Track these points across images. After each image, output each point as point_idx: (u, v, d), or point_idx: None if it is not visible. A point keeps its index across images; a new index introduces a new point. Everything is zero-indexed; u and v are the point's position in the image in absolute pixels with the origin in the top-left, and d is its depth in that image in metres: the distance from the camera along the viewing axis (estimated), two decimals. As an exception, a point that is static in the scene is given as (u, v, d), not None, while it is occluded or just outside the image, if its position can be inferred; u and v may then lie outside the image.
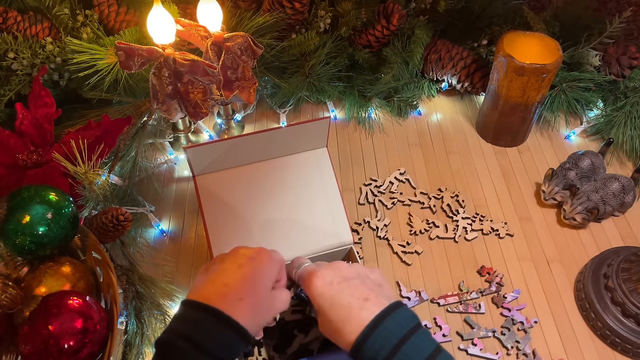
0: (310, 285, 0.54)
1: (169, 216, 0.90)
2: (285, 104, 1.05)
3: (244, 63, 0.84)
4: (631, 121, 0.96)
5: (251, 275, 0.53)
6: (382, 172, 0.97)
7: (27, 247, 0.62)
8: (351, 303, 0.51)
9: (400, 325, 0.49)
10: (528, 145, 1.01)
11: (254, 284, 0.52)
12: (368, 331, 0.49)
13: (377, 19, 1.03)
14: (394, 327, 0.49)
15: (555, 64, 0.86)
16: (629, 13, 0.94)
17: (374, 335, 0.49)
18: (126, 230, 0.72)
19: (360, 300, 0.51)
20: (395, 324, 0.49)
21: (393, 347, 0.48)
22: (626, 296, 0.72)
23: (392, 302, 0.52)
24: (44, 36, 0.92)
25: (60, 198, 0.65)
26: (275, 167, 0.76)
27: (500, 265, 0.83)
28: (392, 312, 0.50)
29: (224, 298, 0.50)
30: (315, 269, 0.56)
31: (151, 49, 0.77)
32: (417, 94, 1.07)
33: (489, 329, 0.75)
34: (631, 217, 0.89)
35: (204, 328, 0.48)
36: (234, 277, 0.52)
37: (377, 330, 0.49)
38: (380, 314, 0.50)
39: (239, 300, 0.51)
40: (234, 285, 0.52)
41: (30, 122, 0.79)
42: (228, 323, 0.49)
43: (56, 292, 0.60)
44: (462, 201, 0.91)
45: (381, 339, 0.48)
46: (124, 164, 0.87)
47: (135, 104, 0.92)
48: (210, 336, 0.48)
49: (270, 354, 0.69)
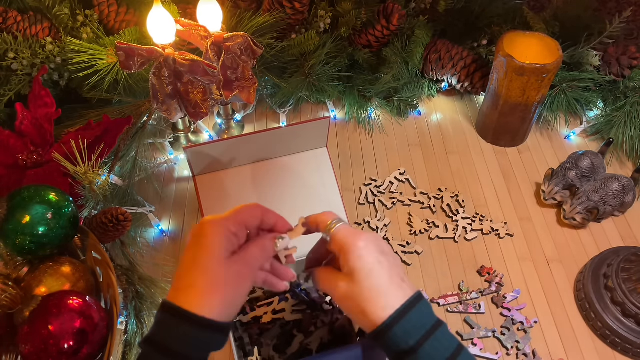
0: (352, 245, 0.48)
1: (169, 216, 0.90)
2: (285, 104, 1.05)
3: (244, 63, 0.84)
4: (631, 121, 0.96)
5: (197, 254, 0.47)
6: (382, 172, 0.97)
7: (27, 247, 0.62)
8: (391, 279, 0.47)
9: (430, 315, 0.47)
10: (528, 145, 1.01)
11: (202, 263, 0.46)
12: (401, 312, 0.46)
13: (377, 19, 1.03)
14: (424, 314, 0.47)
15: (555, 64, 0.86)
16: (629, 13, 0.94)
17: (406, 317, 0.46)
18: (126, 230, 0.72)
19: (398, 279, 0.48)
20: (426, 312, 0.47)
21: (421, 336, 0.45)
22: (626, 296, 0.72)
23: (417, 290, 0.49)
24: (44, 36, 0.92)
25: (60, 198, 0.65)
26: (275, 167, 0.76)
27: (500, 265, 0.83)
28: (422, 299, 0.48)
29: (176, 290, 0.46)
30: (358, 231, 0.50)
31: (151, 49, 0.77)
32: (417, 94, 1.07)
33: (489, 329, 0.75)
34: (631, 217, 0.89)
35: (163, 327, 0.45)
36: (183, 264, 0.48)
37: (409, 314, 0.46)
38: (412, 299, 0.47)
39: (189, 287, 0.45)
40: (182, 272, 0.47)
41: (30, 122, 0.79)
42: (182, 316, 0.44)
43: (56, 292, 0.60)
44: (462, 201, 0.91)
45: (411, 326, 0.46)
46: (124, 164, 0.87)
47: (135, 104, 0.92)
48: (169, 335, 0.44)
49: (270, 354, 0.69)
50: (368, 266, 0.47)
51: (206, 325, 0.44)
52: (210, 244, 0.47)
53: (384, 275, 0.47)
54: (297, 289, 0.75)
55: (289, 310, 0.73)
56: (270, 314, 0.72)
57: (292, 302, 0.74)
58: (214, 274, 0.46)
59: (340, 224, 0.50)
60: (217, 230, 0.48)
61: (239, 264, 0.48)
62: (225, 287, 0.46)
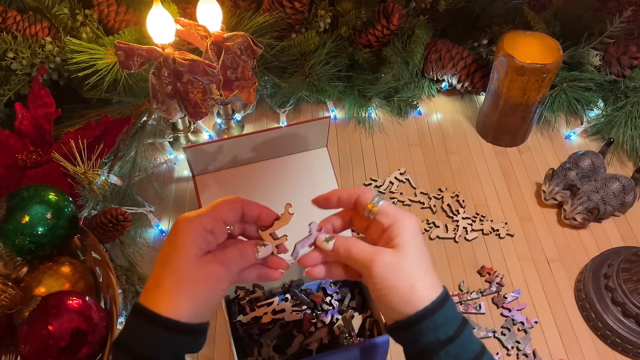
0: (406, 221, 0.47)
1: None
2: (285, 104, 1.05)
3: (243, 63, 0.83)
4: (631, 121, 0.96)
5: (168, 253, 0.45)
6: (382, 172, 0.96)
7: (26, 247, 0.62)
8: (430, 263, 0.47)
9: (458, 311, 0.46)
10: (528, 145, 1.01)
11: (171, 262, 0.44)
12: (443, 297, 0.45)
13: (377, 19, 1.03)
14: (454, 306, 0.46)
15: (556, 64, 0.86)
16: (629, 13, 0.94)
17: (448, 304, 0.45)
18: (126, 230, 0.72)
19: (432, 266, 0.47)
20: (454, 305, 0.46)
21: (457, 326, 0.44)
22: (627, 296, 0.72)
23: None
24: (44, 36, 0.92)
25: (59, 198, 0.64)
26: (275, 167, 0.75)
27: (500, 266, 0.83)
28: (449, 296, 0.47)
29: (145, 291, 0.44)
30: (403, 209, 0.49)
31: (151, 48, 0.77)
32: (417, 93, 1.07)
33: (489, 329, 0.75)
34: (632, 217, 0.89)
35: (131, 330, 0.44)
36: (155, 264, 0.45)
37: (449, 302, 0.45)
38: (445, 292, 0.46)
39: (156, 287, 0.43)
40: (154, 272, 0.45)
41: (29, 122, 0.79)
42: (147, 318, 0.42)
43: (55, 293, 0.60)
44: (462, 201, 0.91)
45: (450, 314, 0.45)
46: (124, 163, 0.87)
47: (134, 104, 0.92)
48: (136, 337, 0.43)
49: (270, 354, 0.69)
50: (419, 244, 0.47)
51: (172, 326, 0.42)
52: (181, 243, 0.44)
53: (430, 260, 0.47)
54: (297, 289, 0.75)
55: (289, 310, 0.73)
56: (270, 314, 0.72)
57: (292, 302, 0.74)
58: (181, 273, 0.44)
59: (382, 200, 0.49)
60: (189, 227, 0.45)
61: (214, 263, 0.45)
62: (194, 286, 0.44)
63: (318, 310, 0.73)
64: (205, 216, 0.46)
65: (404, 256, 0.46)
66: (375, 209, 0.48)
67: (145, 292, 0.44)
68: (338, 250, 0.49)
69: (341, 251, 0.48)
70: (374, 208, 0.48)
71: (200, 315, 0.44)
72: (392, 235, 0.47)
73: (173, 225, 0.46)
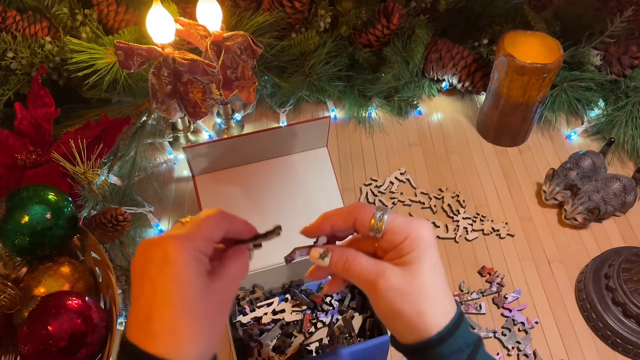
0: (420, 230, 0.41)
1: (168, 216, 0.90)
2: (285, 104, 1.05)
3: (243, 62, 0.83)
4: (632, 121, 0.96)
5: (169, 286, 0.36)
6: (382, 172, 0.96)
7: (26, 247, 0.62)
8: (446, 282, 0.42)
9: (472, 333, 0.42)
10: (529, 145, 1.01)
11: (179, 298, 0.36)
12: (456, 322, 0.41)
13: (378, 18, 1.03)
14: (468, 327, 0.42)
15: (556, 64, 0.85)
16: (630, 12, 0.94)
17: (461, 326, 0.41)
18: (125, 230, 0.72)
19: (446, 283, 0.42)
20: (468, 325, 0.42)
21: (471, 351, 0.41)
22: (627, 296, 0.72)
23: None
24: (43, 35, 0.92)
25: (59, 198, 0.64)
26: (275, 167, 0.75)
27: (501, 266, 0.83)
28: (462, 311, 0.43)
29: (132, 324, 0.37)
30: (414, 218, 0.43)
31: (150, 48, 0.77)
32: (417, 93, 1.07)
33: (490, 330, 0.75)
34: (632, 217, 0.89)
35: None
36: (148, 298, 0.36)
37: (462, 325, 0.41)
38: (459, 309, 0.42)
39: (171, 332, 0.35)
40: (153, 309, 0.36)
41: (29, 122, 0.79)
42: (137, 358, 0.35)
43: (55, 293, 0.59)
44: (462, 201, 0.91)
45: (462, 341, 0.40)
46: (123, 163, 0.87)
47: (134, 104, 0.92)
48: None
49: (270, 354, 0.69)
50: (433, 259, 0.41)
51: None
52: (182, 273, 0.36)
53: (443, 275, 0.41)
54: (297, 289, 0.75)
55: (289, 311, 0.73)
56: (270, 314, 0.72)
57: (292, 302, 0.74)
58: (197, 313, 0.36)
59: (386, 214, 0.42)
60: (186, 253, 0.37)
61: (220, 291, 0.38)
62: (212, 328, 0.37)
63: (318, 310, 0.73)
64: (198, 237, 0.39)
65: (413, 276, 0.40)
66: (381, 225, 0.42)
67: (131, 327, 0.36)
68: (336, 266, 0.43)
69: (339, 268, 0.43)
70: (379, 224, 0.42)
71: (208, 349, 0.37)
72: (403, 252, 0.41)
73: (157, 249, 0.37)
